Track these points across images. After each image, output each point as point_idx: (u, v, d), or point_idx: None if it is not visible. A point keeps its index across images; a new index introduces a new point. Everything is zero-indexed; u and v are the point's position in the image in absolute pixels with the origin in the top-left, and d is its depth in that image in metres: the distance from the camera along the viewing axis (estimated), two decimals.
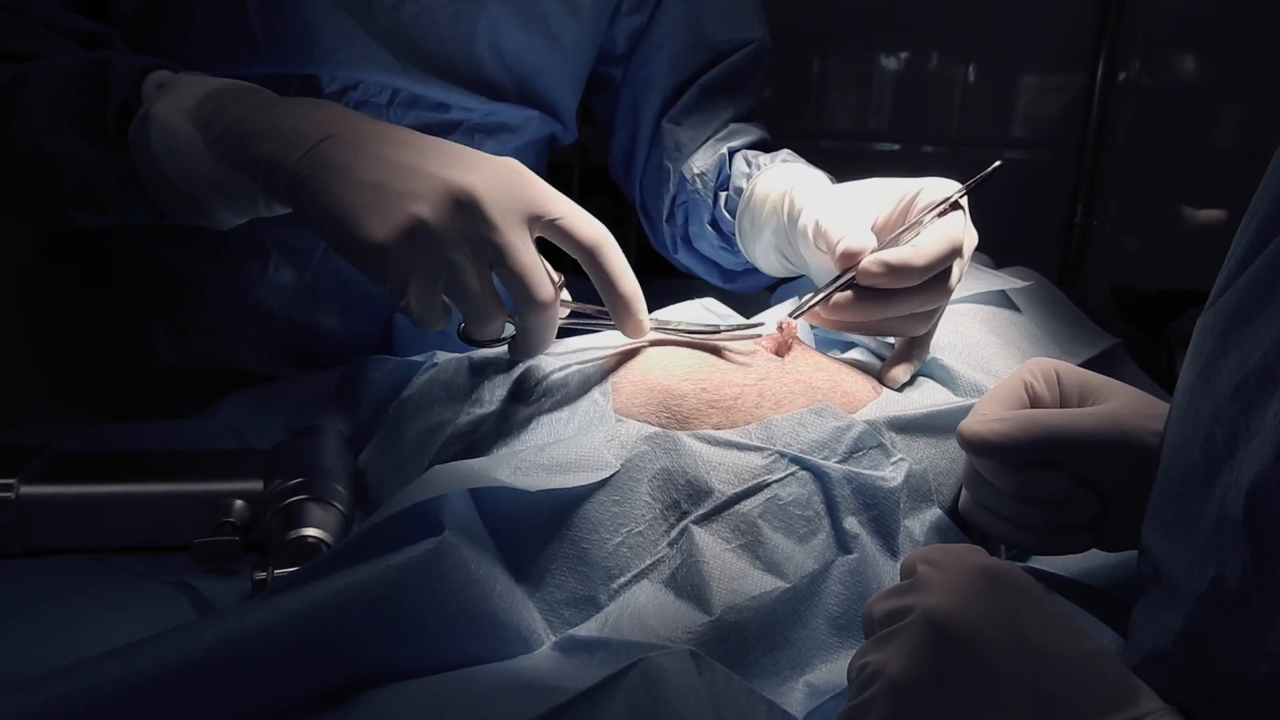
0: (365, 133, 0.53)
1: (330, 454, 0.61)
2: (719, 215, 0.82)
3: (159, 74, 0.58)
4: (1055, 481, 0.48)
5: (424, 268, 0.51)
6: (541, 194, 0.53)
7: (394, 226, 0.49)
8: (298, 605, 0.38)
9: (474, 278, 0.51)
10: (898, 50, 1.31)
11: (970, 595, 0.35)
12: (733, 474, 0.50)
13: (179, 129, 0.55)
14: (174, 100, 0.56)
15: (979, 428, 0.48)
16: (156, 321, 0.80)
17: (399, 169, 0.51)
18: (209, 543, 0.53)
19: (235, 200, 0.57)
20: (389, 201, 0.50)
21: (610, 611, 0.47)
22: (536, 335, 0.55)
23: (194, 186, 0.56)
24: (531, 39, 0.82)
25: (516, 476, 0.48)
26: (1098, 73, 1.22)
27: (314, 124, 0.53)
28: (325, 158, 0.51)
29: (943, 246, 0.56)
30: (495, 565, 0.46)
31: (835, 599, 0.48)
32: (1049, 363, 0.52)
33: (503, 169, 0.53)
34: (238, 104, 0.55)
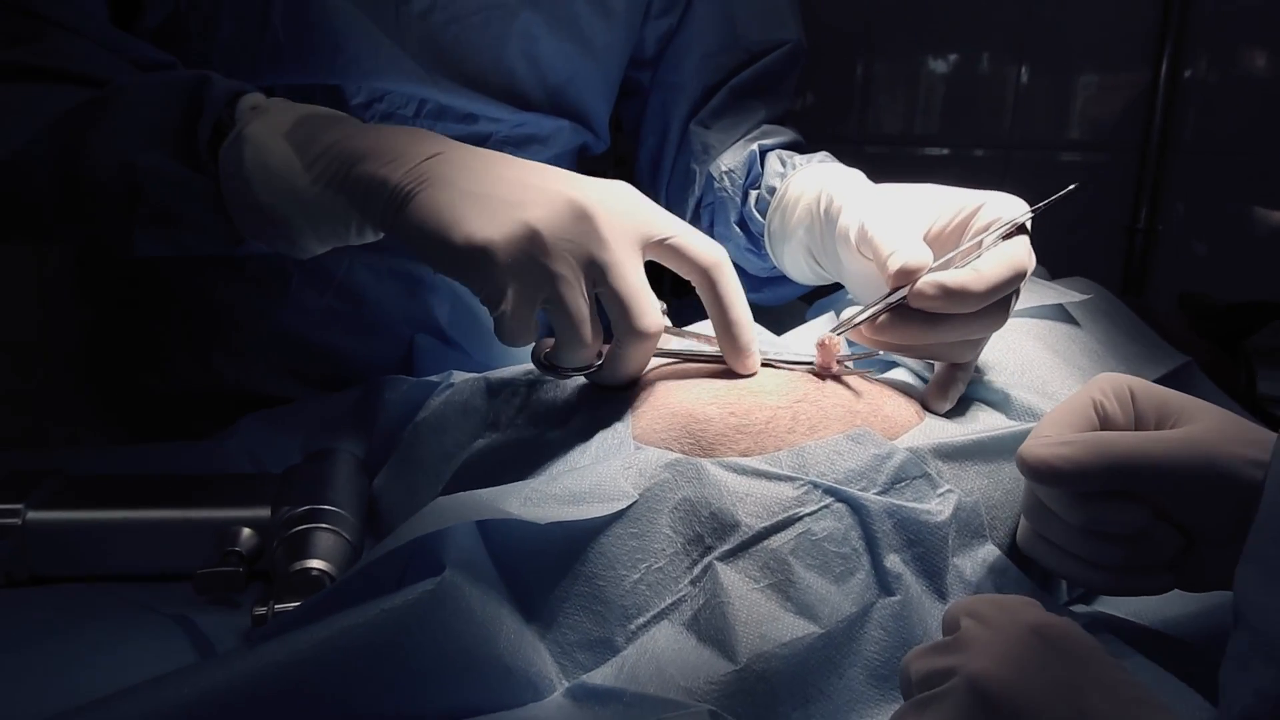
0: (474, 152, 0.52)
1: (342, 480, 0.59)
2: (748, 214, 0.78)
3: (252, 96, 0.57)
4: (1132, 514, 0.42)
5: (528, 277, 0.48)
6: (655, 215, 0.51)
7: (504, 230, 0.47)
8: (283, 655, 0.36)
9: (579, 295, 0.49)
10: (946, 50, 1.27)
11: (1022, 660, 0.31)
12: (761, 506, 0.46)
13: (275, 149, 0.54)
14: (268, 122, 0.55)
15: (1043, 451, 0.43)
16: (178, 343, 0.79)
17: (511, 182, 0.49)
18: (211, 573, 0.51)
19: (326, 223, 0.55)
20: (499, 209, 0.48)
21: (627, 656, 0.44)
22: (630, 364, 0.52)
23: (286, 208, 0.54)
24: (564, 45, 0.80)
25: (526, 508, 0.45)
26: (1161, 69, 1.16)
27: (420, 144, 0.52)
28: (433, 173, 0.50)
29: (1006, 273, 0.51)
30: (502, 605, 0.43)
31: (875, 646, 0.44)
32: (1121, 378, 0.46)
33: (619, 189, 0.51)
34: (335, 127, 0.54)
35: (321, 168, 0.53)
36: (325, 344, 0.78)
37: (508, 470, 0.53)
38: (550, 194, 0.48)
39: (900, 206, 0.57)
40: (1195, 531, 0.43)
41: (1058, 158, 1.26)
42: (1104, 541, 0.43)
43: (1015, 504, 0.50)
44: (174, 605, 0.51)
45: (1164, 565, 0.44)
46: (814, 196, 0.67)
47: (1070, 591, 0.51)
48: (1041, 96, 1.24)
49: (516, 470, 0.53)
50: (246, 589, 0.53)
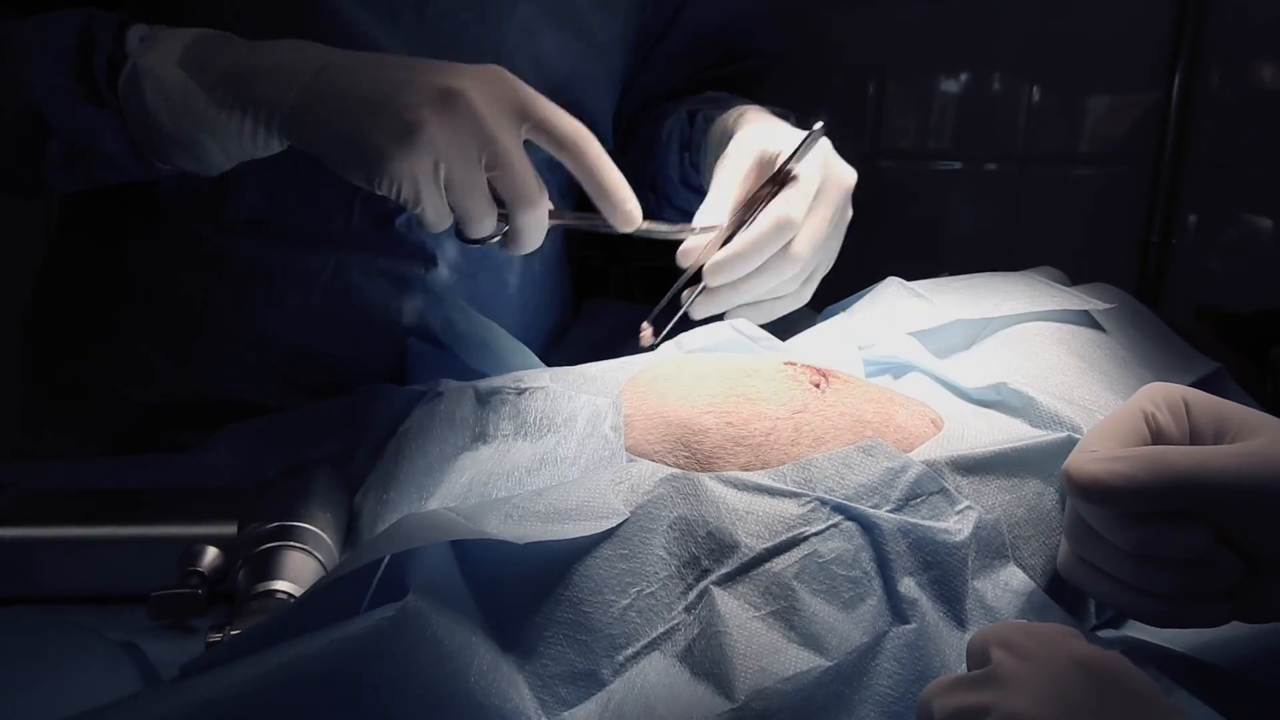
0: (360, 58, 0.57)
1: (319, 495, 0.55)
2: (687, 173, 0.84)
3: (139, 27, 0.59)
4: (1192, 537, 0.38)
5: (426, 171, 0.54)
6: (528, 94, 0.57)
7: (396, 135, 0.53)
8: (216, 691, 0.31)
9: (469, 178, 0.55)
10: (958, 64, 1.27)
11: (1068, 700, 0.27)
12: (763, 525, 0.42)
13: (172, 78, 0.57)
14: (160, 52, 0.58)
15: (1094, 467, 0.38)
16: (156, 348, 0.75)
17: (395, 83, 0.54)
18: (167, 596, 0.47)
19: (232, 140, 0.58)
20: (389, 114, 0.53)
21: (614, 690, 0.39)
22: (526, 233, 0.59)
23: (191, 131, 0.58)
24: (565, 39, 0.77)
25: (505, 526, 0.41)
26: (1175, 83, 1.14)
27: (309, 57, 0.57)
28: (325, 85, 0.55)
29: (767, 229, 0.61)
30: (475, 634, 0.39)
31: (889, 680, 0.39)
32: (1174, 388, 0.42)
33: (493, 74, 0.56)
34: (226, 48, 0.58)
35: (220, 91, 0.57)
36: (313, 348, 0.75)
37: (492, 484, 0.50)
38: (433, 88, 0.54)
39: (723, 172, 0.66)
40: (1260, 556, 0.39)
41: (1071, 172, 1.24)
42: (1159, 567, 0.39)
43: (1040, 521, 0.46)
44: (125, 631, 0.46)
45: (1223, 594, 0.40)
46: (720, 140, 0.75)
47: (1099, 615, 0.47)
48: (1054, 110, 1.22)
49: (502, 484, 0.49)
50: (208, 613, 0.48)
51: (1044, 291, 0.62)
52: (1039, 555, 0.45)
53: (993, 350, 0.57)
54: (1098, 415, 0.49)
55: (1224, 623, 0.41)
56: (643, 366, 0.53)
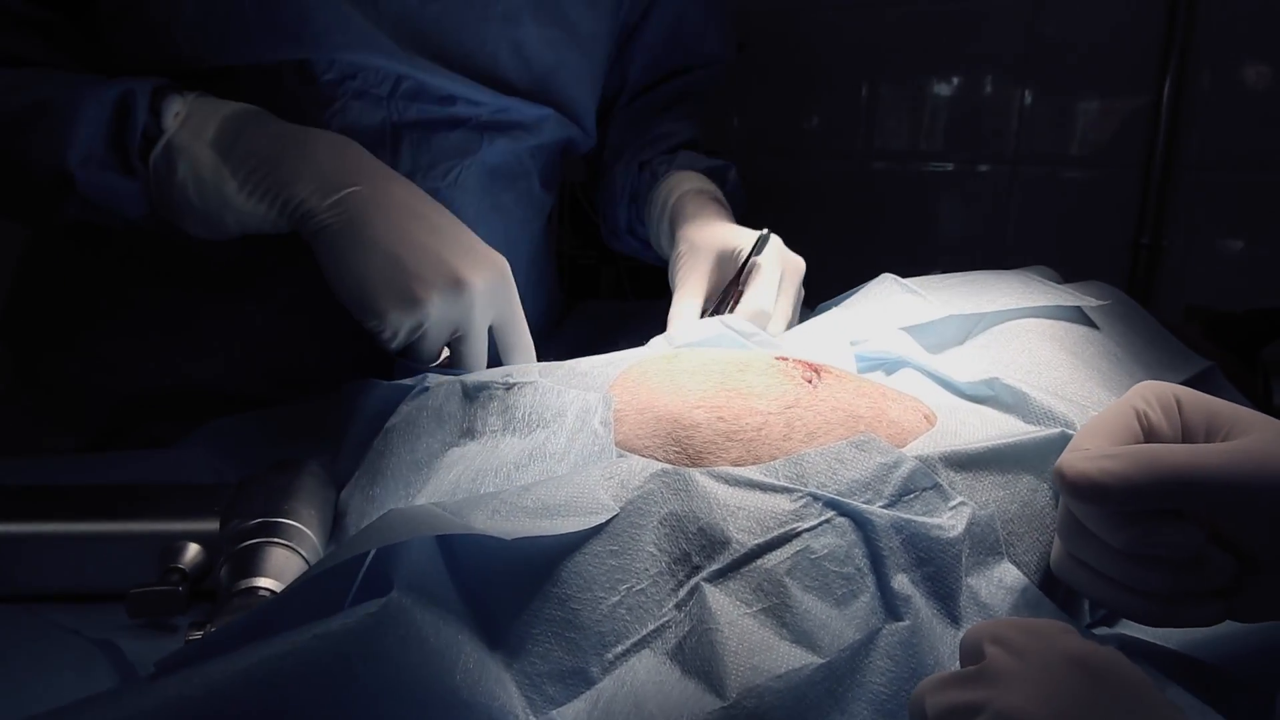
0: (388, 194, 0.61)
1: (303, 491, 0.54)
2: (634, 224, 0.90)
3: (174, 100, 0.61)
4: (1184, 536, 0.37)
5: (410, 329, 0.60)
6: (510, 305, 0.64)
7: (400, 303, 0.59)
8: (191, 689, 0.30)
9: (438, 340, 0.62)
10: (950, 67, 1.27)
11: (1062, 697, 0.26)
12: (755, 520, 0.41)
13: (204, 159, 0.60)
14: (193, 128, 0.60)
15: (1085, 465, 0.38)
16: (137, 342, 0.74)
17: (416, 249, 0.60)
18: (146, 593, 0.46)
19: (254, 224, 0.62)
20: (402, 281, 0.59)
21: (603, 689, 0.39)
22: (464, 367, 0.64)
23: (217, 212, 0.61)
24: (549, 31, 0.77)
25: (493, 522, 0.40)
26: (1165, 86, 1.14)
27: (342, 170, 0.61)
28: (351, 214, 0.60)
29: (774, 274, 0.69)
30: (461, 631, 0.38)
31: (882, 677, 0.39)
32: (1166, 386, 0.42)
33: (499, 270, 0.63)
34: (259, 133, 0.61)
35: (248, 181, 0.60)
36: (298, 341, 0.74)
37: (481, 480, 0.49)
38: (446, 271, 0.60)
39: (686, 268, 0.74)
40: (1253, 555, 0.38)
41: (1062, 174, 1.25)
42: (1150, 566, 0.39)
43: (1033, 518, 0.45)
44: (103, 629, 0.46)
45: (1215, 593, 0.39)
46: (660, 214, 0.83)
47: (1093, 613, 0.46)
48: (1046, 113, 1.23)
49: (490, 480, 0.48)
50: (189, 611, 0.48)
51: (1037, 288, 0.62)
52: (1033, 552, 0.45)
53: (986, 346, 0.56)
54: (1091, 411, 0.49)
55: (1216, 622, 0.40)
56: (633, 361, 0.52)
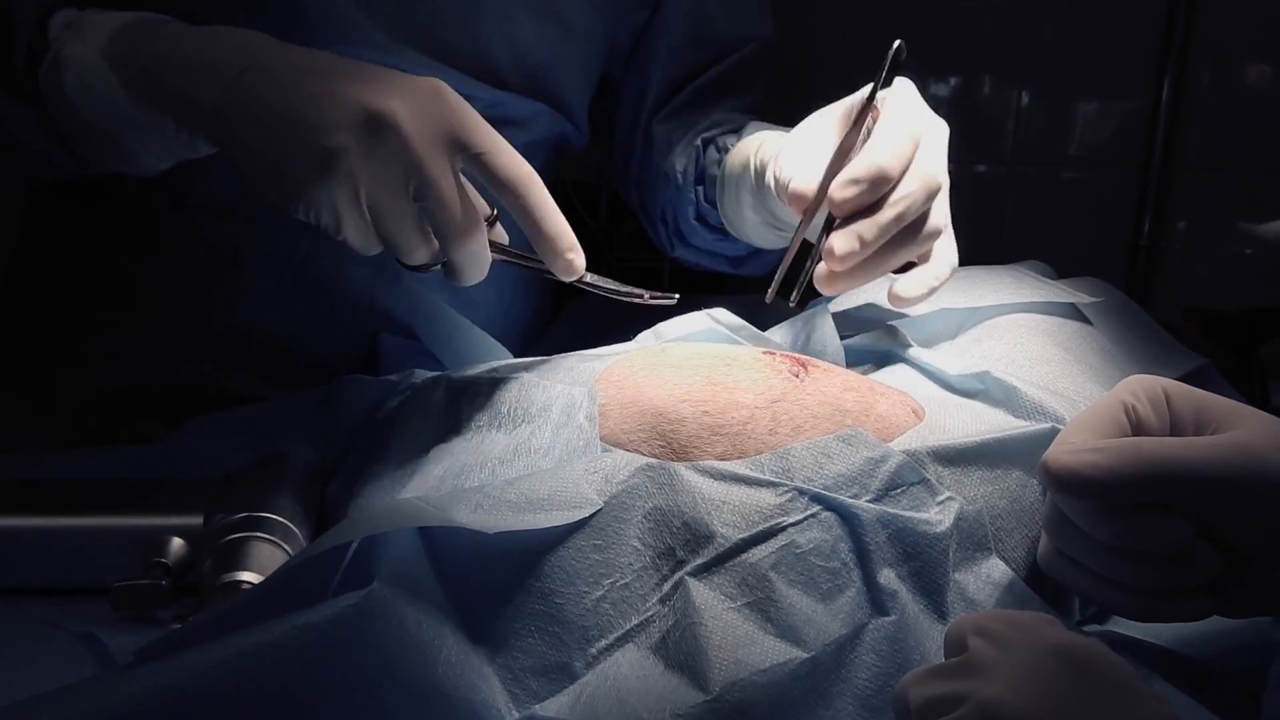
0: (285, 60, 0.51)
1: (289, 486, 0.54)
2: (703, 209, 0.79)
3: (66, 12, 0.55)
4: (1172, 530, 0.37)
5: (347, 199, 0.49)
6: (466, 121, 0.50)
7: (312, 162, 0.48)
8: (169, 678, 0.30)
9: (394, 208, 0.50)
10: (948, 67, 1.26)
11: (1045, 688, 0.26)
12: (739, 515, 0.41)
13: (93, 69, 0.52)
14: (85, 39, 0.53)
15: (1070, 459, 0.38)
16: (124, 337, 0.74)
17: (315, 98, 0.49)
18: (129, 586, 0.46)
19: (158, 141, 0.54)
20: (305, 136, 0.48)
21: (587, 683, 0.38)
22: (464, 267, 0.53)
23: (113, 128, 0.53)
24: (542, 26, 0.76)
25: (477, 516, 0.40)
26: (1164, 86, 1.14)
27: (231, 56, 0.51)
28: (243, 93, 0.50)
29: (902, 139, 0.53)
30: (444, 625, 0.38)
31: (867, 673, 0.38)
32: (1154, 380, 0.41)
33: (428, 91, 0.50)
34: (151, 38, 0.53)
35: (140, 87, 0.52)
36: (282, 336, 0.74)
37: (465, 475, 0.49)
38: (355, 107, 0.48)
39: (804, 140, 0.59)
40: (1240, 550, 0.38)
41: (1060, 175, 1.25)
42: (1137, 561, 0.38)
43: (1022, 513, 0.45)
44: (86, 623, 0.45)
45: (1202, 588, 0.39)
46: (743, 169, 0.69)
47: (1083, 610, 0.46)
48: (1044, 113, 1.23)
49: (475, 475, 0.48)
50: (172, 605, 0.47)
51: (1031, 284, 0.62)
52: (1021, 547, 0.44)
53: (977, 340, 0.56)
54: (1082, 406, 0.48)
55: (1203, 617, 0.40)
56: (619, 356, 0.52)
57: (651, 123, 0.86)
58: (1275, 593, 0.29)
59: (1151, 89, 1.15)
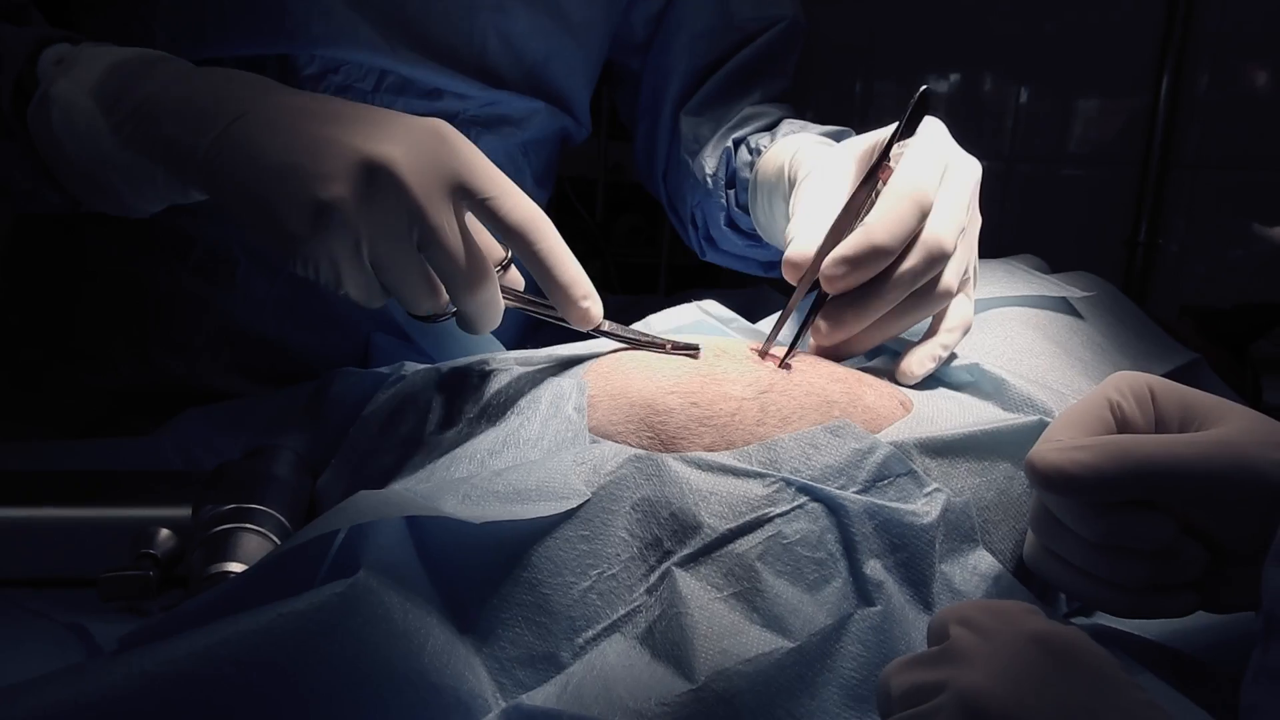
0: (281, 107, 0.48)
1: (278, 478, 0.54)
2: (734, 215, 0.76)
3: (57, 48, 0.53)
4: (1157, 527, 0.37)
5: (346, 252, 0.46)
6: (469, 165, 0.48)
7: (307, 216, 0.45)
8: (153, 665, 0.30)
9: (397, 260, 0.47)
10: (947, 64, 1.26)
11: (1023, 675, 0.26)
12: (727, 505, 0.41)
13: (81, 109, 0.50)
14: (75, 78, 0.51)
15: (1056, 457, 0.38)
16: (115, 335, 0.74)
17: (311, 146, 0.46)
18: (117, 577, 0.46)
19: (148, 187, 0.52)
20: (300, 186, 0.45)
21: (573, 673, 0.38)
22: (473, 319, 0.51)
23: (100, 171, 0.51)
24: (539, 20, 0.75)
25: (464, 506, 0.40)
26: (1163, 85, 1.14)
27: (225, 102, 0.48)
28: (237, 141, 0.47)
29: (904, 210, 0.47)
30: (430, 614, 0.38)
31: (853, 663, 0.38)
32: (1140, 376, 0.41)
33: (428, 134, 0.48)
34: (144, 79, 0.50)
35: (129, 131, 0.50)
36: (275, 337, 0.73)
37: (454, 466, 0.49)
38: (352, 156, 0.45)
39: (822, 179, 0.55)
40: (1225, 546, 0.38)
41: (1059, 172, 1.25)
42: (1124, 558, 0.38)
43: (1009, 505, 0.45)
44: (73, 613, 0.45)
45: (1188, 584, 0.39)
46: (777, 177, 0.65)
47: (1069, 603, 0.46)
48: (1043, 111, 1.23)
49: (463, 466, 0.48)
50: (160, 596, 0.47)
51: (1023, 277, 0.62)
52: (1008, 539, 0.44)
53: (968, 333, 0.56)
54: (1071, 400, 0.49)
55: (1189, 613, 0.40)
56: (609, 348, 0.52)
57: (679, 115, 0.84)
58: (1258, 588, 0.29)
59: (1150, 87, 1.15)
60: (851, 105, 1.30)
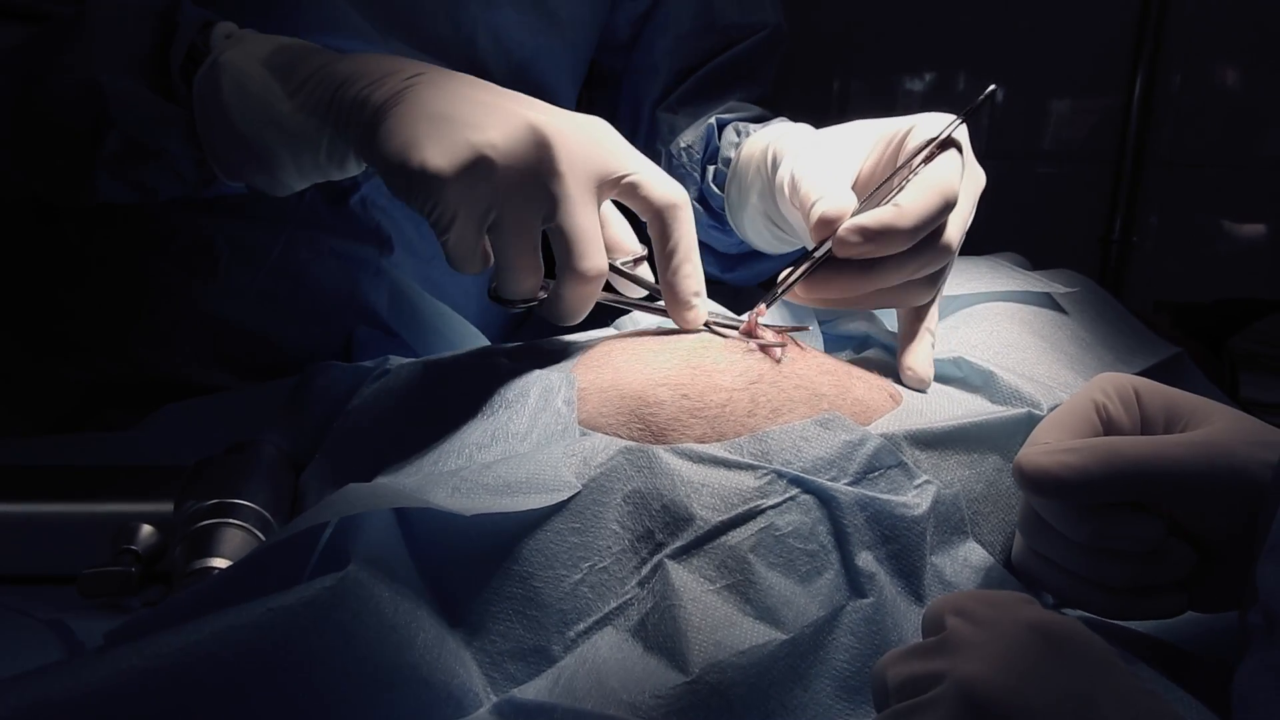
0: (454, 76, 0.50)
1: (261, 473, 0.53)
2: (707, 190, 0.76)
3: (226, 24, 0.55)
4: (1144, 528, 0.38)
5: (473, 203, 0.46)
6: (618, 152, 0.49)
7: (454, 155, 0.45)
8: (142, 660, 0.30)
9: (522, 223, 0.47)
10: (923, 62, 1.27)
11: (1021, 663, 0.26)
12: (719, 497, 0.41)
13: (254, 76, 0.52)
14: (245, 49, 0.53)
15: (1043, 460, 0.38)
16: (97, 328, 0.72)
17: (476, 103, 0.47)
18: (98, 574, 0.45)
19: (308, 152, 0.53)
20: (455, 131, 0.45)
21: (565, 666, 0.38)
22: (570, 304, 0.49)
23: (267, 137, 0.52)
24: (526, 16, 0.75)
25: (454, 498, 0.40)
26: (1136, 83, 1.16)
27: (404, 66, 0.50)
28: (410, 93, 0.48)
29: (933, 200, 0.48)
30: (420, 608, 0.37)
31: (845, 654, 0.38)
32: (1124, 378, 0.42)
33: (589, 122, 0.49)
34: (315, 55, 0.53)
35: (306, 94, 0.51)
36: (258, 329, 0.72)
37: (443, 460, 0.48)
38: (512, 118, 0.46)
39: (832, 149, 0.55)
40: (1212, 545, 0.39)
41: (1034, 170, 1.26)
42: (1111, 560, 0.39)
43: (999, 497, 0.45)
44: (54, 610, 0.44)
45: (1176, 584, 0.39)
46: (761, 155, 0.65)
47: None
48: (1018, 109, 1.24)
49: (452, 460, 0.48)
50: (141, 592, 0.47)
51: (1007, 273, 0.62)
52: (998, 531, 0.45)
53: (954, 328, 0.56)
54: (1058, 393, 0.49)
55: (1178, 614, 0.40)
56: (597, 340, 0.52)
57: (656, 111, 0.85)
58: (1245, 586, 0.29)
59: (1124, 85, 1.16)
60: (829, 101, 1.31)
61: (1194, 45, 1.14)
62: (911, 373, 0.51)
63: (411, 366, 0.56)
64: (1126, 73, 1.16)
